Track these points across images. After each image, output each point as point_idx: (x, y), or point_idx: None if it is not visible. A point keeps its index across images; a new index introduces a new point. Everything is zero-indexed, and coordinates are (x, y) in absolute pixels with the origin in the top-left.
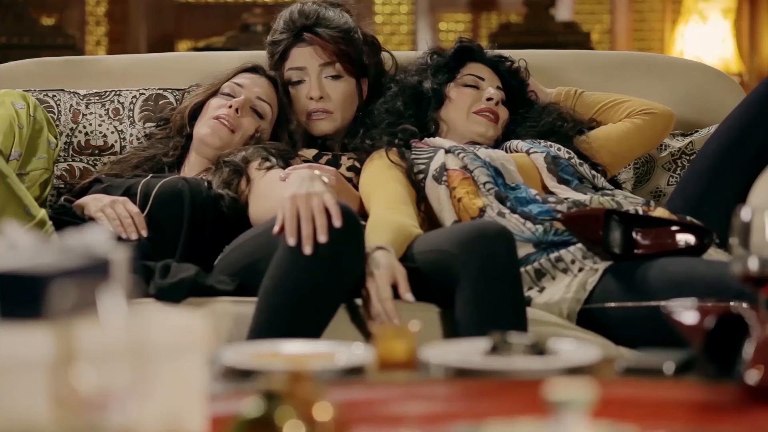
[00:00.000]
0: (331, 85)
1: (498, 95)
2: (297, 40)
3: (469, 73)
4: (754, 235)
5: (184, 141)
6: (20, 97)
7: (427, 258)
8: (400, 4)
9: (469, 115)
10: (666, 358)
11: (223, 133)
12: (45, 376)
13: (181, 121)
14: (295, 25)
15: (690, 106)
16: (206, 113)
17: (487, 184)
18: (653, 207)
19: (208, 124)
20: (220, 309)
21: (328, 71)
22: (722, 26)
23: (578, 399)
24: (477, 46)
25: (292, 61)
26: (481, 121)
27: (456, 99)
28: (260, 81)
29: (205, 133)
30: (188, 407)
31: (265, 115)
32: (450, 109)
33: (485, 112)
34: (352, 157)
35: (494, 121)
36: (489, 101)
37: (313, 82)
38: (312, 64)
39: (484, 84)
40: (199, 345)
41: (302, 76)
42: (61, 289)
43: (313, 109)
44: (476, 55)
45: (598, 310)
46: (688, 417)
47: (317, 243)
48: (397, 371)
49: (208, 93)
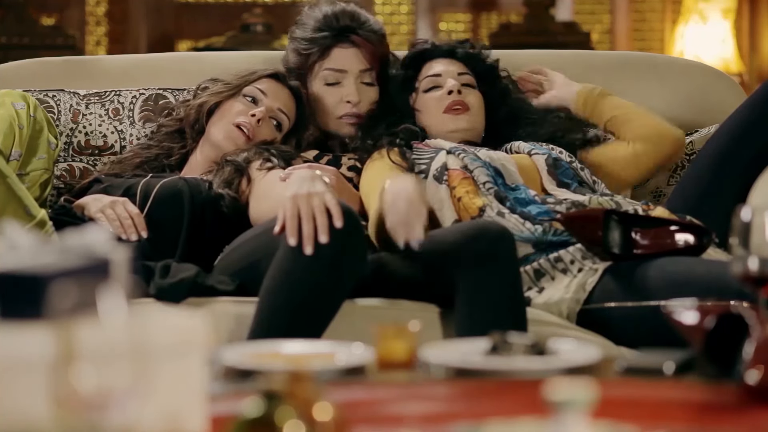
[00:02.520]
0: (365, 90)
1: (456, 84)
2: (338, 40)
3: (425, 76)
4: (754, 235)
5: (195, 135)
6: (20, 98)
7: (427, 258)
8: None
9: (440, 116)
10: (666, 358)
11: (240, 141)
12: (45, 376)
13: (197, 116)
14: (338, 24)
15: (690, 106)
16: (225, 115)
17: (487, 184)
18: (652, 207)
19: (226, 128)
20: (220, 309)
21: (366, 77)
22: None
23: (578, 399)
24: (430, 44)
25: (333, 62)
26: (450, 119)
27: (422, 107)
28: (283, 92)
29: (221, 138)
30: (188, 407)
31: (283, 126)
32: (423, 119)
33: (452, 107)
34: (353, 157)
35: (464, 111)
36: (450, 95)
37: (351, 87)
38: (354, 67)
39: (443, 79)
40: (200, 345)
41: (340, 78)
42: (61, 289)
43: (347, 113)
44: (429, 54)
45: (597, 310)
46: (688, 417)
47: (318, 243)
48: (397, 371)
49: (228, 93)
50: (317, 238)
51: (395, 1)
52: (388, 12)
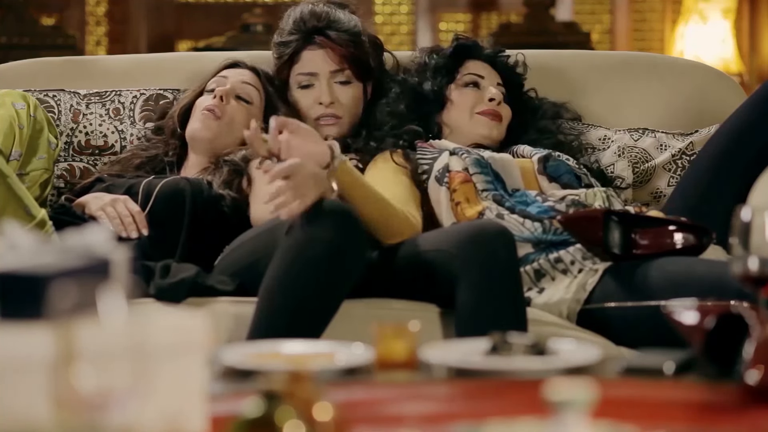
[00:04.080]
0: (340, 90)
1: (499, 94)
2: (307, 43)
3: (468, 72)
4: (754, 235)
5: (179, 143)
6: (20, 97)
7: (427, 258)
8: (400, 4)
9: (473, 116)
10: (666, 359)
11: (210, 121)
12: (45, 376)
13: (173, 126)
14: (305, 26)
15: (690, 106)
16: (195, 112)
17: (485, 192)
18: (645, 210)
19: (197, 118)
20: (220, 309)
21: (339, 77)
22: (722, 26)
23: (578, 399)
24: (474, 43)
25: (303, 66)
26: (484, 122)
27: (457, 101)
28: (242, 71)
29: (195, 128)
30: (188, 407)
31: (251, 99)
32: (452, 112)
33: (488, 113)
34: (354, 157)
35: (498, 121)
36: (491, 102)
37: (323, 88)
38: (323, 69)
39: (485, 83)
40: (199, 345)
41: (312, 80)
42: (61, 289)
43: (322, 114)
44: (474, 53)
45: (598, 310)
46: (688, 417)
47: (318, 243)
48: (397, 371)
49: (195, 94)
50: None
51: (395, 2)
52: (388, 12)
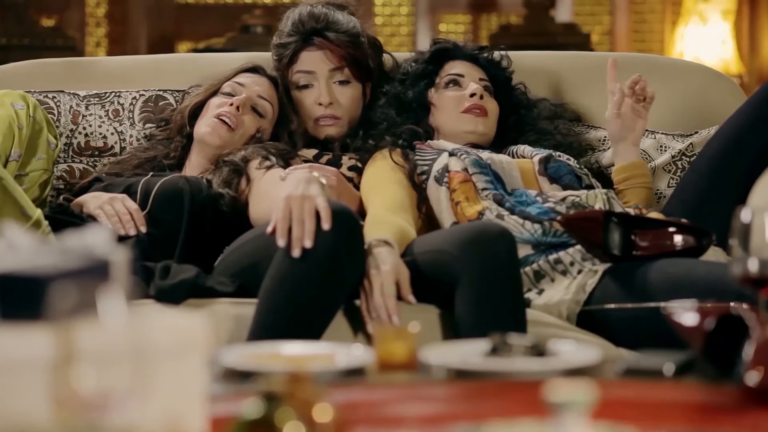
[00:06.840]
0: (339, 90)
1: (480, 89)
2: (306, 44)
3: (447, 74)
4: (754, 237)
5: (184, 141)
6: (20, 98)
7: (427, 258)
8: (400, 6)
9: (457, 115)
10: (666, 360)
11: (223, 131)
12: (45, 377)
13: (182, 121)
14: (304, 28)
15: (690, 107)
16: (207, 112)
17: (485, 191)
18: (645, 212)
19: (208, 122)
20: (220, 310)
21: (337, 76)
22: (722, 27)
23: (578, 400)
24: (452, 44)
25: (301, 65)
26: (469, 119)
27: (440, 103)
28: (261, 80)
29: (205, 132)
30: (188, 408)
31: (265, 113)
32: (437, 115)
33: (472, 109)
34: (354, 157)
35: (483, 116)
36: (473, 97)
37: (322, 88)
38: (321, 69)
39: (465, 80)
40: (199, 346)
41: (311, 80)
42: (61, 290)
43: (322, 115)
44: (452, 53)
45: (597, 311)
46: (688, 418)
47: (318, 243)
48: (397, 372)
49: (208, 93)
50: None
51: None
52: (388, 13)
